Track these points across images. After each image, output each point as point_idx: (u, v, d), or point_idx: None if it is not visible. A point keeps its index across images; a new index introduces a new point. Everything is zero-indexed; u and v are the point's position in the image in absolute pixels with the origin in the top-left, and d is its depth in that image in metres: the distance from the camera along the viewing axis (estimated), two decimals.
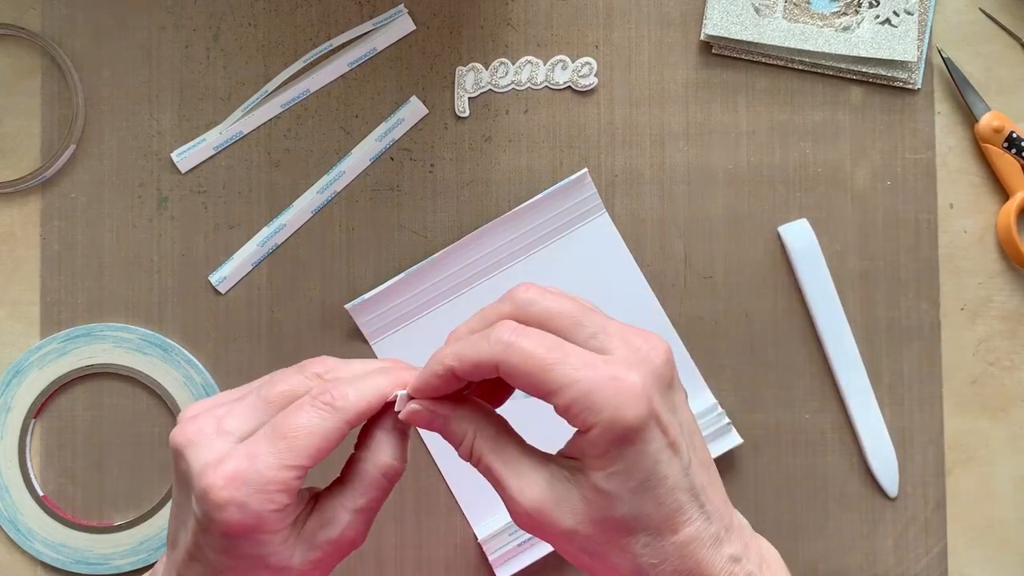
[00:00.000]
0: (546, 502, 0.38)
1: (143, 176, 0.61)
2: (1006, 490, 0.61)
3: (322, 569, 0.40)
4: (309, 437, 0.39)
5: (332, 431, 0.39)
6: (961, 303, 0.61)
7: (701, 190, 0.61)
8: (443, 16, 0.61)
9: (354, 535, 0.40)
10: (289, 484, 0.38)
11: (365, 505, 0.40)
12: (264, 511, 0.38)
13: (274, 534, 0.39)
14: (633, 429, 0.37)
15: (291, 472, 0.38)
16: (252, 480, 0.38)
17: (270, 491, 0.38)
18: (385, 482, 0.41)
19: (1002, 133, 0.61)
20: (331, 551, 0.40)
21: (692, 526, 0.38)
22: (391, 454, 0.41)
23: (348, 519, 0.40)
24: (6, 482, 0.60)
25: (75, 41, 0.61)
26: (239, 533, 0.38)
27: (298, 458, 0.38)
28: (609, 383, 0.37)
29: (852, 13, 0.61)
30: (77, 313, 0.60)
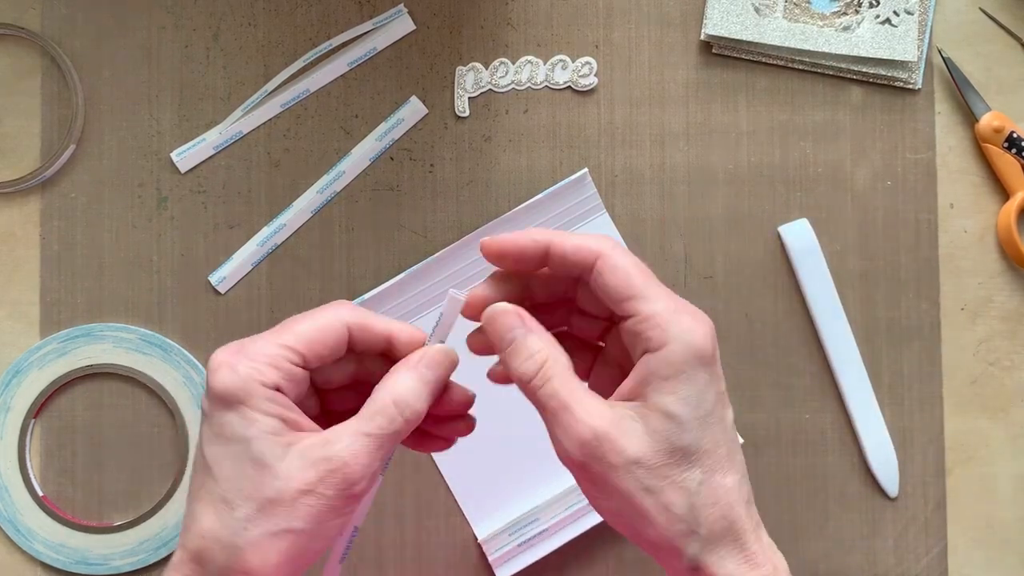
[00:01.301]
0: (613, 427, 0.38)
1: (143, 176, 0.61)
2: (1006, 490, 0.61)
3: (314, 497, 0.38)
4: (307, 323, 0.40)
5: (329, 322, 0.40)
6: (961, 303, 0.61)
7: (701, 190, 0.61)
8: (443, 16, 0.61)
9: (350, 458, 0.38)
10: (279, 361, 0.39)
11: (368, 430, 0.38)
12: (251, 378, 0.38)
13: (259, 414, 0.38)
14: (708, 353, 0.39)
15: (284, 350, 0.39)
16: (247, 351, 0.39)
17: (260, 361, 0.38)
18: (395, 412, 0.39)
19: (1002, 133, 0.61)
20: (324, 472, 0.37)
21: (737, 475, 0.39)
22: (408, 387, 0.40)
23: (348, 441, 0.38)
24: (6, 482, 0.60)
25: (75, 41, 0.61)
26: (224, 399, 0.38)
27: (293, 339, 0.39)
28: (689, 312, 0.39)
29: (852, 13, 0.61)
30: (77, 313, 0.60)
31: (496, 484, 0.60)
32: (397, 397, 0.39)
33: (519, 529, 0.59)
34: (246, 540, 0.37)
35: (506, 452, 0.60)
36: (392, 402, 0.39)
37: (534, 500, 0.60)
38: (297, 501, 0.37)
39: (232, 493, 0.38)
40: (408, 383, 0.40)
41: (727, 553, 0.38)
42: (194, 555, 0.38)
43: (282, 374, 0.39)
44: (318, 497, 0.38)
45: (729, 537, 0.38)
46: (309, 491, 0.37)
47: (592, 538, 0.60)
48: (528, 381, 0.40)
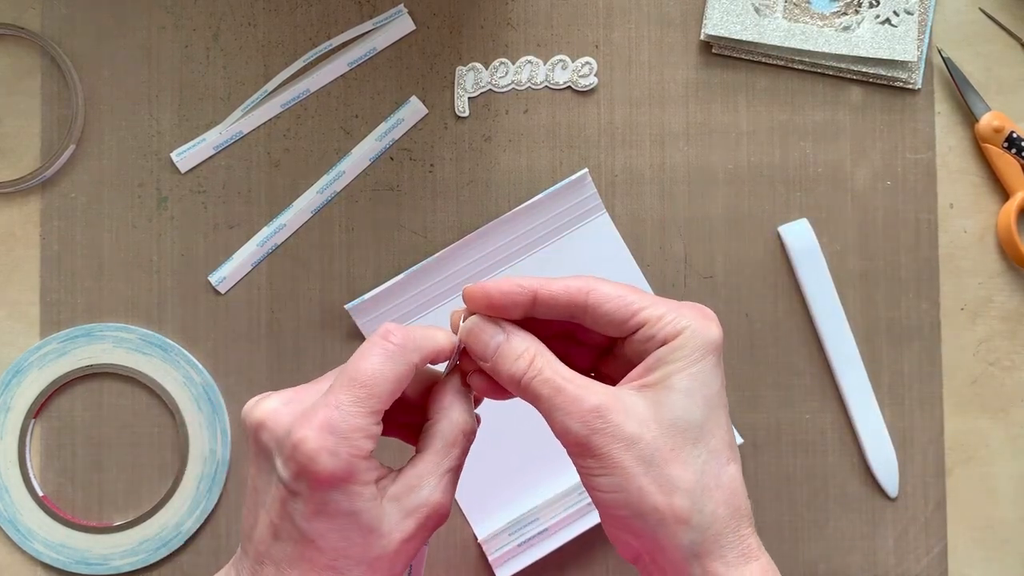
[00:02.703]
0: (612, 402, 0.38)
1: (143, 176, 0.61)
2: (1006, 490, 0.61)
3: (414, 542, 0.39)
4: (382, 379, 0.39)
5: (401, 370, 0.39)
6: (961, 303, 0.61)
7: (701, 190, 0.61)
8: (443, 16, 0.61)
9: (442, 498, 0.40)
10: (371, 430, 0.38)
11: (450, 466, 0.40)
12: (353, 457, 0.38)
13: (364, 486, 0.38)
14: (717, 341, 0.40)
15: (371, 418, 0.38)
16: (340, 428, 0.38)
17: (357, 437, 0.38)
18: (464, 441, 0.41)
19: (1002, 133, 0.61)
20: (422, 518, 0.39)
21: (737, 465, 0.40)
22: (466, 411, 0.41)
23: (436, 481, 0.40)
24: (6, 482, 0.60)
25: (75, 41, 0.61)
26: (331, 483, 0.37)
27: (375, 402, 0.39)
28: (692, 308, 0.40)
29: (852, 13, 0.61)
30: (77, 313, 0.60)
31: (496, 484, 0.60)
32: (465, 427, 0.41)
33: (519, 529, 0.59)
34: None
35: (506, 452, 0.60)
36: (461, 432, 0.41)
37: (534, 500, 0.60)
38: (400, 551, 0.39)
39: (341, 562, 0.38)
40: (465, 408, 0.42)
41: (728, 543, 0.38)
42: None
43: (374, 442, 0.39)
44: (418, 541, 0.39)
45: (732, 524, 0.39)
46: (410, 539, 0.39)
47: (592, 538, 0.60)
48: (521, 378, 0.40)
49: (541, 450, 0.60)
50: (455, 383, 0.42)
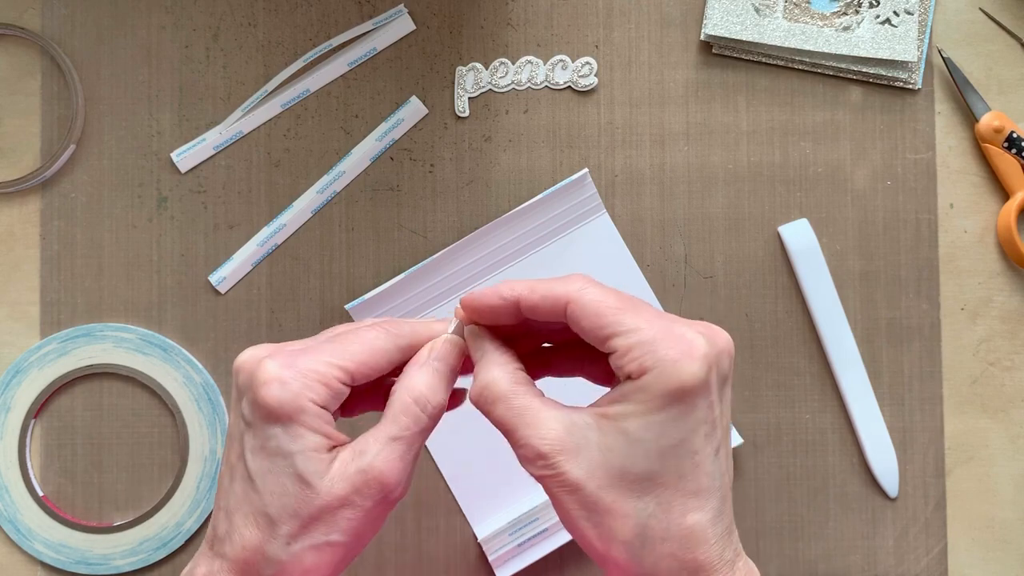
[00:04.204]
0: (562, 445, 0.37)
1: (143, 176, 0.61)
2: (1006, 490, 0.61)
3: (352, 511, 0.38)
4: (358, 344, 0.40)
5: (382, 345, 0.40)
6: (961, 303, 0.61)
7: (701, 190, 0.61)
8: (443, 16, 0.61)
9: (382, 466, 0.38)
10: (330, 379, 0.39)
11: (396, 433, 0.39)
12: (302, 395, 0.38)
13: (307, 431, 0.38)
14: (688, 386, 0.36)
15: (335, 369, 0.39)
16: (299, 365, 0.39)
17: (311, 378, 0.38)
18: (417, 410, 0.39)
19: (1002, 133, 0.61)
20: (359, 483, 0.38)
21: (704, 515, 0.37)
22: (424, 382, 0.40)
23: (379, 448, 0.39)
24: (6, 482, 0.60)
25: (75, 41, 0.61)
26: (275, 415, 0.38)
27: (343, 358, 0.39)
28: (676, 338, 0.37)
29: (852, 13, 0.61)
30: (77, 313, 0.60)
31: (496, 484, 0.60)
32: (417, 395, 0.40)
33: (519, 529, 0.59)
34: (289, 555, 0.38)
35: (506, 452, 0.60)
36: (413, 401, 0.40)
37: (534, 500, 0.60)
38: (337, 515, 0.38)
39: (275, 509, 0.38)
40: (424, 378, 0.40)
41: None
42: (238, 566, 0.39)
43: (331, 393, 0.39)
44: (357, 508, 0.38)
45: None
46: (348, 504, 0.38)
47: None
48: (480, 404, 0.40)
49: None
50: (423, 355, 0.41)
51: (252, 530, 0.38)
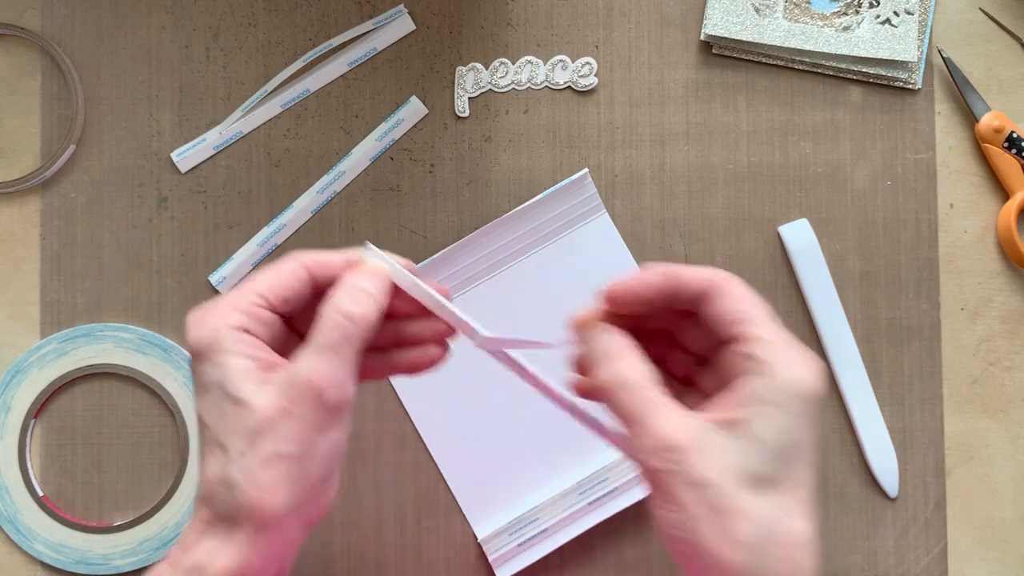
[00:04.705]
0: (693, 440, 0.37)
1: (143, 176, 0.61)
2: (1006, 490, 0.61)
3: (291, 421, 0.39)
4: (270, 271, 0.42)
5: (289, 267, 0.42)
6: (961, 303, 0.61)
7: (701, 190, 0.61)
8: (443, 16, 0.61)
9: (309, 372, 0.39)
10: (244, 304, 0.41)
11: (321, 342, 0.40)
12: (219, 325, 0.40)
13: (231, 356, 0.39)
14: (814, 393, 0.38)
15: (248, 294, 0.41)
16: (214, 304, 0.41)
17: (226, 308, 0.41)
18: (341, 319, 0.40)
19: (1002, 133, 0.61)
20: (293, 393, 0.39)
21: (811, 523, 0.38)
22: (344, 295, 0.41)
23: (305, 358, 0.39)
24: (6, 482, 0.60)
25: (75, 41, 0.61)
26: (199, 352, 0.40)
27: (256, 285, 0.41)
28: (800, 349, 0.39)
29: (852, 13, 0.61)
30: (77, 313, 0.60)
31: (496, 484, 0.60)
32: (339, 307, 0.41)
33: (519, 529, 0.59)
34: (242, 472, 0.38)
35: (506, 452, 0.60)
36: (335, 311, 0.41)
37: (534, 500, 0.60)
38: (278, 426, 0.39)
39: (222, 435, 0.39)
40: (344, 293, 0.41)
41: None
42: (205, 499, 0.40)
43: (248, 316, 0.41)
44: (295, 418, 0.39)
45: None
46: (285, 414, 0.39)
47: (592, 538, 0.60)
48: (607, 388, 0.40)
49: (541, 450, 0.60)
50: (349, 274, 0.42)
51: (211, 463, 0.40)
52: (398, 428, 0.60)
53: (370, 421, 0.60)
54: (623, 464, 0.60)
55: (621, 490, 0.59)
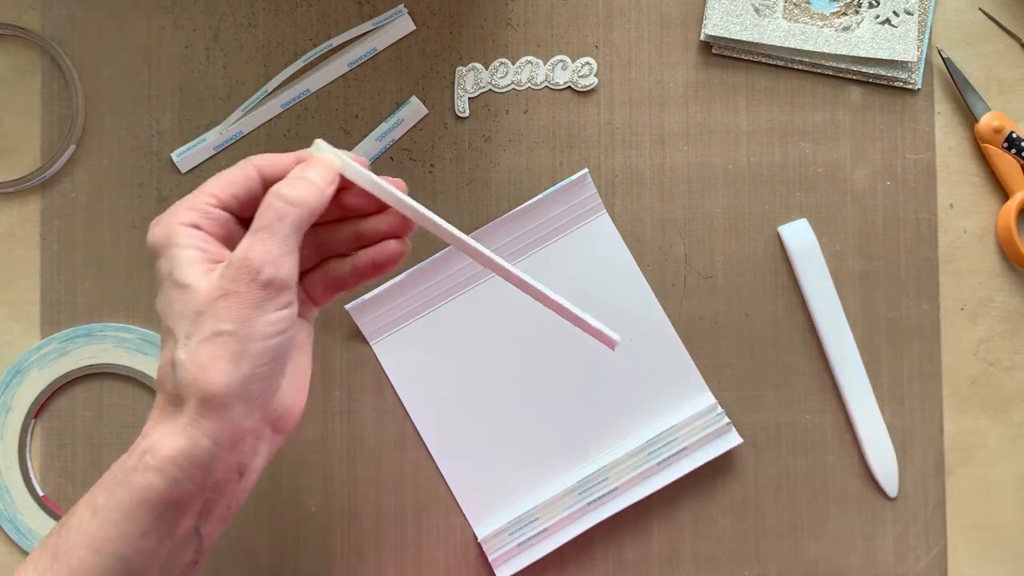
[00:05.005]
0: None
1: (143, 176, 0.61)
2: (1006, 490, 0.61)
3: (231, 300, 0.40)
4: (220, 175, 0.44)
5: (240, 169, 0.44)
6: (961, 303, 0.61)
7: (701, 190, 0.61)
8: (443, 16, 0.61)
9: (246, 251, 0.40)
10: (196, 203, 0.43)
11: (259, 224, 0.41)
12: (171, 223, 0.42)
13: (181, 248, 0.41)
14: None
15: (200, 195, 0.43)
16: (173, 206, 0.43)
17: (178, 210, 0.43)
18: (278, 203, 0.42)
19: (1002, 133, 0.61)
20: (231, 273, 0.40)
21: None
22: (286, 183, 0.43)
23: (243, 242, 0.41)
24: (6, 482, 0.60)
25: (75, 41, 0.61)
26: (156, 250, 0.42)
27: (208, 186, 0.43)
28: None
29: (852, 13, 0.61)
30: (77, 313, 0.60)
31: (496, 484, 0.60)
32: (278, 191, 0.42)
33: (519, 529, 0.59)
34: (186, 352, 0.40)
35: (506, 452, 0.60)
36: (274, 196, 0.42)
37: (534, 500, 0.60)
38: (217, 306, 0.40)
39: (171, 320, 0.41)
40: (287, 181, 0.43)
41: None
42: (159, 384, 0.42)
43: (198, 213, 0.42)
44: (233, 296, 0.40)
45: None
46: (224, 294, 0.40)
47: (592, 538, 0.60)
48: None
49: (541, 450, 0.60)
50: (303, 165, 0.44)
51: (164, 351, 0.42)
52: (398, 428, 0.60)
53: (370, 421, 0.60)
54: (623, 464, 0.60)
55: (621, 490, 0.59)
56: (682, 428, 0.59)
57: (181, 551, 0.41)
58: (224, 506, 0.42)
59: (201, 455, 0.39)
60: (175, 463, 0.39)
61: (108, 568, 0.40)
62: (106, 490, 0.40)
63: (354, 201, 0.46)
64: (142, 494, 0.39)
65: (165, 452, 0.39)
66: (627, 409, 0.60)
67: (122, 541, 0.40)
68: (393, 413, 0.60)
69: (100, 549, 0.40)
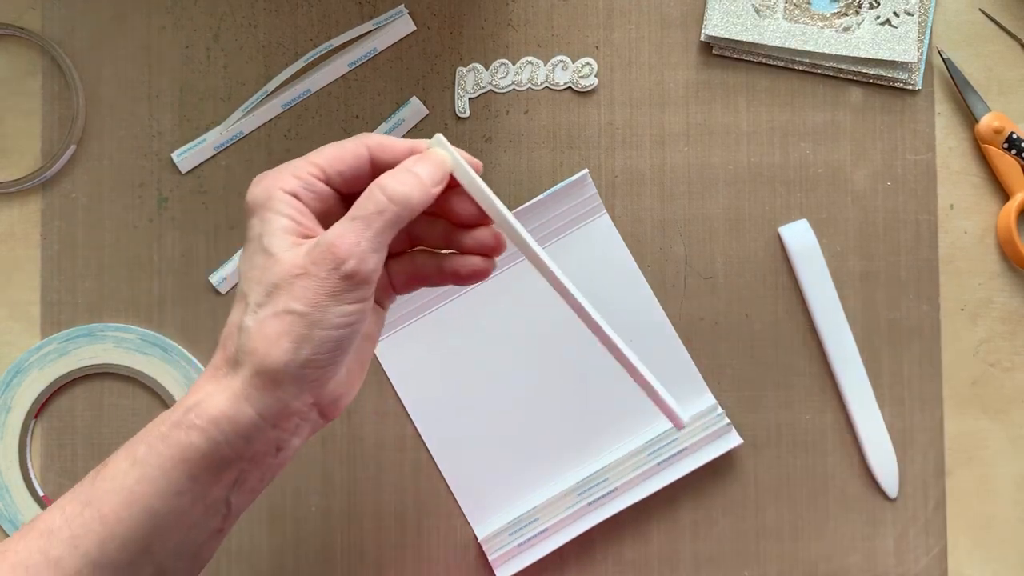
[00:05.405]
0: None
1: (143, 176, 0.61)
2: (1006, 490, 0.61)
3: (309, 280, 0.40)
4: (330, 147, 0.43)
5: (351, 146, 0.43)
6: (961, 303, 0.62)
7: (701, 190, 0.61)
8: (443, 16, 0.61)
9: (335, 238, 0.40)
10: (299, 171, 0.42)
11: (355, 214, 0.41)
12: (272, 186, 0.42)
13: (275, 214, 0.41)
14: None
15: (305, 163, 0.43)
16: (278, 168, 0.43)
17: (283, 174, 0.42)
18: (380, 196, 0.41)
19: (1002, 134, 0.61)
20: (316, 255, 0.40)
21: None
22: (392, 175, 0.42)
23: (336, 226, 0.40)
24: (6, 482, 0.60)
25: (75, 41, 0.61)
26: (252, 207, 0.42)
27: (315, 156, 0.43)
28: None
29: (852, 14, 0.61)
30: (77, 313, 0.60)
31: (496, 484, 0.60)
32: (381, 183, 0.42)
33: (519, 529, 0.59)
34: (254, 320, 0.40)
35: (506, 452, 0.60)
36: (377, 187, 0.41)
37: (534, 500, 0.60)
38: (295, 283, 0.40)
39: (248, 284, 0.41)
40: (394, 173, 0.42)
41: None
42: (222, 341, 0.42)
43: (300, 183, 0.42)
44: (312, 278, 0.40)
45: None
46: (303, 273, 0.40)
47: (592, 538, 0.60)
48: None
49: (541, 450, 0.60)
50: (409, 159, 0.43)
51: (235, 310, 0.42)
52: (398, 428, 0.60)
53: (370, 421, 0.60)
54: (623, 464, 0.60)
55: (621, 490, 0.59)
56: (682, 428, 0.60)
57: (210, 517, 0.41)
58: (257, 479, 0.42)
59: (245, 424, 0.40)
60: (218, 425, 0.39)
61: (139, 522, 0.40)
62: (147, 443, 0.40)
63: (457, 206, 0.45)
64: (183, 452, 0.40)
65: (210, 412, 0.40)
66: (627, 409, 0.60)
67: (156, 497, 0.40)
68: (393, 413, 0.60)
69: (134, 502, 0.40)
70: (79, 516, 0.40)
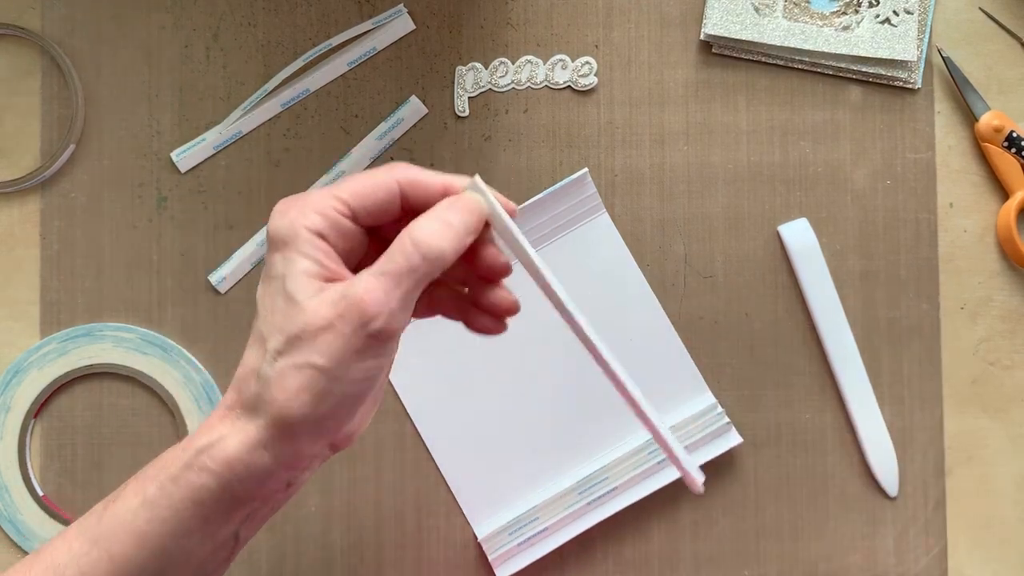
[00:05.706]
0: None
1: (143, 176, 0.61)
2: (1006, 490, 0.61)
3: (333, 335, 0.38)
4: (360, 177, 0.41)
5: (381, 178, 0.41)
6: (961, 303, 0.61)
7: (701, 190, 0.61)
8: (443, 16, 0.61)
9: (364, 293, 0.38)
10: (326, 208, 0.40)
11: (385, 268, 0.39)
12: (297, 222, 0.40)
13: (300, 255, 0.39)
14: None
15: (332, 199, 0.40)
16: (302, 198, 0.41)
17: (309, 208, 0.40)
18: (411, 249, 0.39)
19: (1002, 132, 0.61)
20: (343, 308, 0.38)
21: None
22: (425, 226, 0.40)
23: (365, 279, 0.38)
24: (6, 482, 0.60)
25: (75, 41, 0.61)
26: (275, 243, 0.40)
27: (342, 190, 0.41)
28: None
29: (852, 12, 0.61)
30: (77, 313, 0.60)
31: (496, 484, 0.60)
32: (414, 235, 0.39)
33: (519, 529, 0.59)
34: (273, 370, 0.38)
35: (506, 452, 0.60)
36: (409, 240, 0.39)
37: (534, 500, 0.60)
38: (318, 337, 0.38)
39: (267, 327, 0.39)
40: (427, 222, 0.40)
41: None
42: (236, 383, 0.40)
43: (328, 223, 0.40)
44: (336, 334, 0.38)
45: None
46: (328, 327, 0.38)
47: (592, 538, 0.60)
48: None
49: (541, 450, 0.60)
50: (442, 204, 0.41)
51: (251, 351, 0.40)
52: (398, 428, 0.60)
53: None
54: (623, 463, 0.60)
55: (621, 490, 0.59)
56: (682, 428, 0.59)
57: (219, 551, 0.40)
58: (266, 512, 0.41)
59: (259, 468, 0.39)
60: (232, 469, 0.39)
61: (148, 563, 0.39)
62: (158, 483, 0.39)
63: (481, 252, 0.42)
64: (195, 493, 0.39)
65: (224, 455, 0.39)
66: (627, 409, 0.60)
67: (167, 537, 0.39)
68: (393, 413, 0.60)
69: (144, 544, 0.39)
70: (86, 555, 0.39)
